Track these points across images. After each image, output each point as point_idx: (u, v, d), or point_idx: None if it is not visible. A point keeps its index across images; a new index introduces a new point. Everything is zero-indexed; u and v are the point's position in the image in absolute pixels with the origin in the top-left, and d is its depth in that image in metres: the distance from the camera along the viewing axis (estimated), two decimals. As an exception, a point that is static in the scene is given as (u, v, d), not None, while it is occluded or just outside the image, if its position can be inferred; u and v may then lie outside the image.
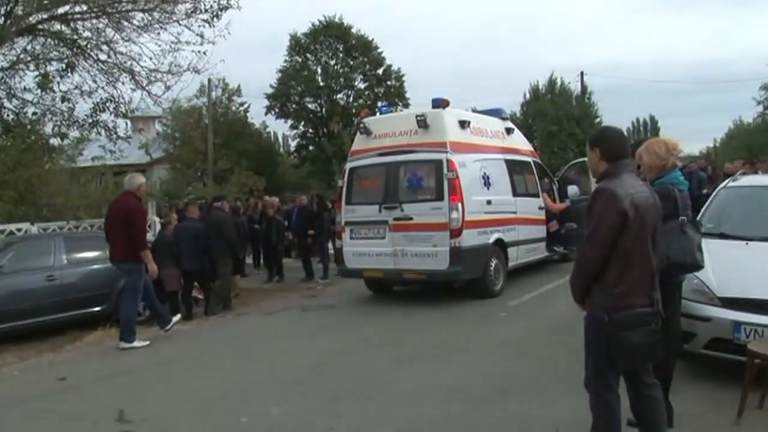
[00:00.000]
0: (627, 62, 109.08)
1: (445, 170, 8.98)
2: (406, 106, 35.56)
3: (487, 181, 9.78)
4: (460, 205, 8.91)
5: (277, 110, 37.44)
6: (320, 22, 37.34)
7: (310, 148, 38.91)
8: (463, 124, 9.70)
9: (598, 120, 37.09)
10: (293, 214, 14.53)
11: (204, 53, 12.95)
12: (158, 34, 12.33)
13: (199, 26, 12.65)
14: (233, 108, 32.86)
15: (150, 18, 12.11)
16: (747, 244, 5.95)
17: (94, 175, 13.72)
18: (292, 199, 17.23)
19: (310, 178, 37.95)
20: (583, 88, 37.56)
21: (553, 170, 16.10)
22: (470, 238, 9.04)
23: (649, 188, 3.64)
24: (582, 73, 38.02)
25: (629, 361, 3.41)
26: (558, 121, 32.85)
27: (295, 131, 38.86)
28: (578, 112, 34.98)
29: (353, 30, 37.91)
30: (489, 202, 9.64)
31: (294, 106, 38.01)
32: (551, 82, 36.44)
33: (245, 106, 34.04)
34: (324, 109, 38.53)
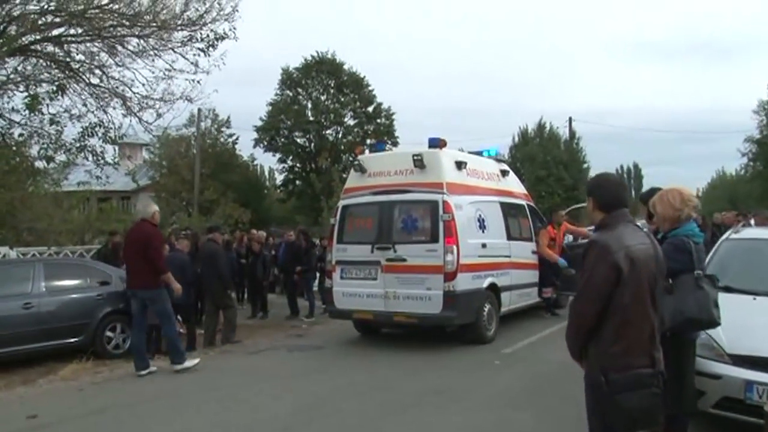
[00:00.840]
0: (612, 110, 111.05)
1: (441, 212, 8.80)
2: (395, 144, 35.61)
3: (482, 224, 9.61)
4: (455, 248, 8.70)
5: (265, 143, 37.42)
6: (313, 57, 37.58)
7: (298, 182, 38.81)
8: (460, 165, 9.55)
9: (585, 165, 37.42)
10: (281, 249, 14.25)
11: (198, 82, 12.81)
12: (153, 60, 12.17)
13: (194, 55, 12.54)
14: (222, 139, 32.74)
15: (145, 44, 11.96)
16: (755, 299, 5.79)
17: (79, 200, 13.36)
18: (279, 234, 16.94)
19: (297, 213, 37.72)
20: (571, 133, 37.94)
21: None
22: (465, 282, 8.82)
23: (651, 239, 3.43)
24: (570, 119, 38.50)
25: (626, 426, 3.15)
26: (546, 165, 33.03)
27: (283, 165, 38.75)
28: (566, 157, 35.24)
29: (345, 67, 38.15)
30: (484, 246, 9.45)
31: (283, 139, 38.03)
32: (540, 127, 36.76)
33: (234, 137, 33.96)
34: (313, 145, 38.56)
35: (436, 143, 9.30)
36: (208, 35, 12.38)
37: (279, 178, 41.80)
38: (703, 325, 4.24)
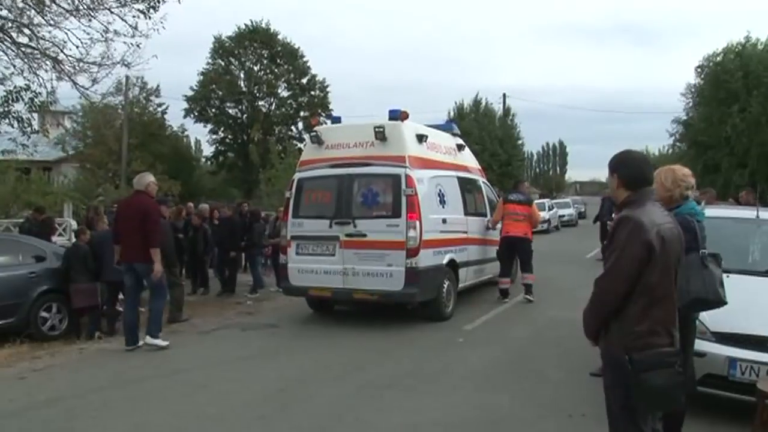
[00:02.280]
0: (542, 89, 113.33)
1: (403, 186, 8.51)
2: (329, 117, 35.01)
3: (442, 199, 9.41)
4: (417, 224, 8.45)
5: (196, 114, 36.19)
6: (246, 26, 36.48)
7: (229, 154, 37.74)
8: (421, 138, 9.27)
9: (520, 142, 37.98)
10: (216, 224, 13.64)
11: (138, 46, 11.92)
12: (89, 21, 11.20)
13: (134, 17, 11.64)
14: (150, 108, 31.36)
15: (78, 2, 10.98)
16: (728, 276, 5.79)
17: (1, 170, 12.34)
18: (218, 207, 16.24)
19: (228, 186, 36.78)
20: (506, 109, 38.39)
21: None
22: (426, 259, 8.61)
23: (673, 219, 3.33)
24: (504, 95, 38.97)
25: (652, 405, 3.09)
26: (482, 140, 33.22)
27: (214, 136, 37.56)
28: (501, 133, 35.63)
29: (280, 37, 37.16)
30: (444, 221, 9.26)
31: (214, 110, 36.88)
32: (476, 102, 36.94)
33: (163, 107, 32.63)
34: (245, 116, 37.55)
35: (397, 115, 8.97)
36: (149, -5, 11.49)
37: (209, 149, 40.53)
38: (710, 304, 4.18)
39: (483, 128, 34.91)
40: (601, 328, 3.21)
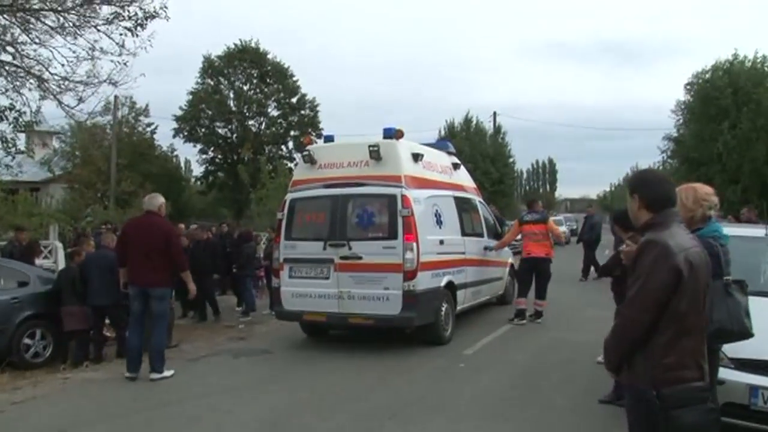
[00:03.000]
0: (530, 105, 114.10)
1: (399, 206, 8.27)
2: (320, 136, 34.92)
3: (439, 219, 9.16)
4: (415, 245, 8.20)
5: (185, 133, 35.88)
6: (236, 45, 36.35)
7: (219, 174, 37.45)
8: (417, 157, 9.05)
9: (511, 159, 37.93)
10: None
11: (125, 64, 11.69)
12: (74, 38, 10.96)
13: (121, 34, 11.41)
14: (139, 128, 31.08)
15: (64, 20, 10.73)
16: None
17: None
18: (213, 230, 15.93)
19: (218, 205, 36.46)
20: (497, 127, 38.38)
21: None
22: (424, 281, 8.34)
23: (700, 243, 3.10)
24: (495, 113, 38.97)
25: None
26: (473, 159, 33.11)
27: (203, 156, 37.26)
28: (492, 151, 35.56)
29: (269, 56, 37.06)
30: (441, 242, 9.01)
31: (204, 130, 36.61)
32: (467, 121, 36.89)
33: (152, 127, 32.36)
34: (235, 136, 37.31)
35: (392, 133, 8.75)
36: (136, 13, 11.29)
37: (198, 169, 40.20)
38: (735, 336, 3.92)
39: (474, 146, 34.81)
40: (625, 361, 2.95)
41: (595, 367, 7.44)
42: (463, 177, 11.34)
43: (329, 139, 9.68)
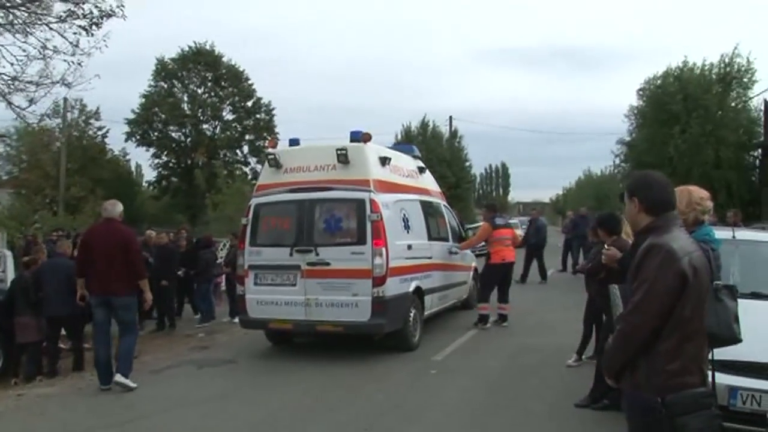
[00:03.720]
0: (483, 110, 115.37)
1: (368, 211, 8.12)
2: (276, 142, 34.51)
3: (406, 224, 9.05)
4: (384, 251, 8.06)
5: (138, 137, 35.00)
6: (190, 48, 35.63)
7: (173, 179, 36.66)
8: (384, 160, 8.92)
9: (468, 164, 38.17)
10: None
11: (79, 64, 11.22)
12: (26, 36, 10.46)
13: (75, 33, 10.96)
14: (90, 132, 30.20)
15: (13, 17, 10.24)
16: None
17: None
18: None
19: (172, 211, 35.66)
20: (453, 131, 38.60)
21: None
22: (393, 287, 8.21)
23: (700, 247, 3.06)
24: (451, 117, 39.20)
25: None
26: (430, 163, 33.08)
27: (156, 161, 36.40)
28: (449, 155, 35.70)
29: (224, 59, 36.51)
30: (410, 247, 8.89)
31: (157, 134, 35.79)
32: (423, 125, 36.93)
33: (104, 130, 31.48)
34: (189, 140, 36.60)
35: (359, 137, 8.59)
36: (91, 11, 10.86)
37: (151, 173, 39.29)
38: (723, 341, 3.86)
39: (431, 150, 34.78)
40: (626, 368, 2.87)
41: (567, 372, 7.45)
42: (429, 181, 11.25)
43: (294, 142, 9.45)
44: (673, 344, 2.73)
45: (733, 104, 26.00)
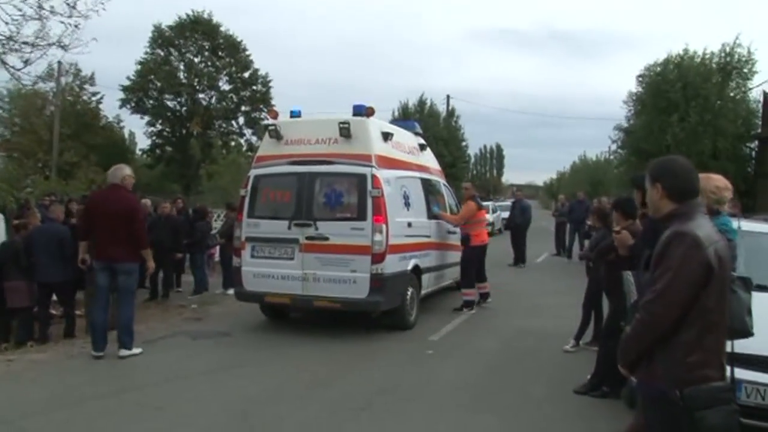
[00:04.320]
0: (480, 91, 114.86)
1: (369, 187, 8.00)
2: (275, 114, 34.14)
3: (407, 201, 8.94)
4: (384, 227, 7.96)
5: (133, 104, 34.54)
6: (188, 16, 35.09)
7: (167, 148, 36.29)
8: (386, 136, 8.79)
9: (464, 143, 38.00)
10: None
11: (76, 27, 10.95)
12: (20, -5, 10.16)
13: (72, -7, 10.67)
14: (84, 97, 29.77)
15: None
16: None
17: None
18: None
19: (165, 180, 35.38)
20: (450, 110, 38.36)
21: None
22: (392, 265, 8.12)
23: (723, 236, 2.97)
24: (448, 96, 38.95)
25: None
26: (427, 141, 32.92)
27: (151, 129, 35.97)
28: (446, 134, 35.50)
29: (222, 29, 35.97)
30: (410, 225, 8.80)
31: (152, 102, 35.31)
32: (421, 103, 36.67)
33: (98, 96, 31.03)
34: (184, 109, 36.16)
35: (363, 111, 8.45)
36: (89, -29, 10.56)
37: (145, 142, 38.86)
38: (736, 334, 3.79)
39: (428, 129, 34.58)
40: (643, 358, 2.80)
41: (563, 357, 7.41)
42: (429, 159, 11.15)
43: (296, 114, 9.28)
44: (694, 335, 2.65)
45: (732, 94, 25.82)
